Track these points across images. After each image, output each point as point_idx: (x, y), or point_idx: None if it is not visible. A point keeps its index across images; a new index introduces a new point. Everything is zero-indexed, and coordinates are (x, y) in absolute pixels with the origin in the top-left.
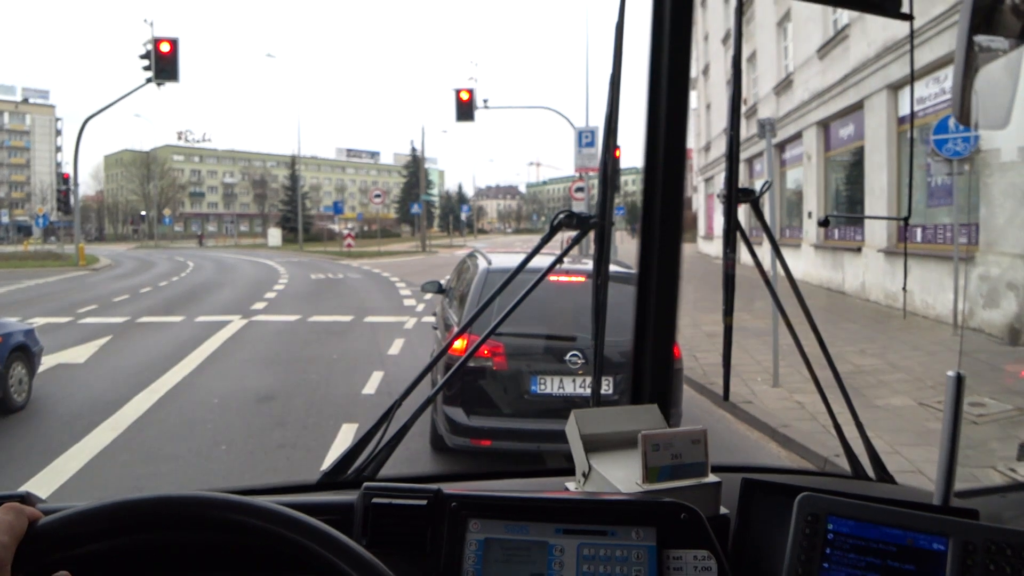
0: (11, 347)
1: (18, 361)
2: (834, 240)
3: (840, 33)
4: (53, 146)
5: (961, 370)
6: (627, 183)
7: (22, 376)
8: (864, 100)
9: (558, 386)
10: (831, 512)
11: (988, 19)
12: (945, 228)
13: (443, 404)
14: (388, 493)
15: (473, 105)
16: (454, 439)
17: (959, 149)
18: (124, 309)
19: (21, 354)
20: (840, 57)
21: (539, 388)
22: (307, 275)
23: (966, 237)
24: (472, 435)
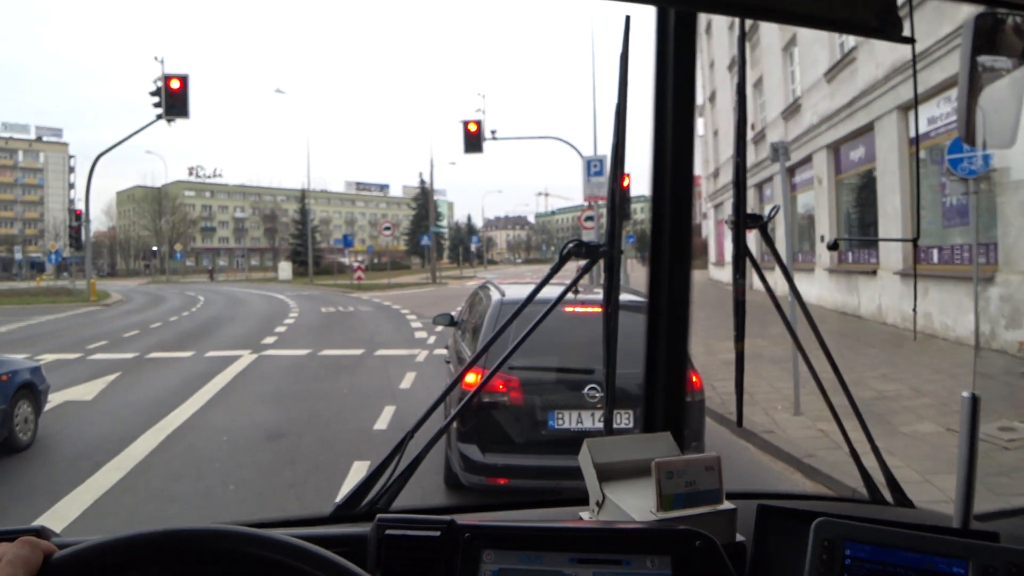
0: (17, 385)
1: (24, 399)
2: (848, 264)
3: (847, 56)
4: (66, 183)
5: (976, 391)
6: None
7: (28, 415)
8: (874, 122)
9: (576, 421)
10: (848, 537)
11: (990, 40)
12: (962, 248)
13: (457, 441)
14: (401, 524)
15: (481, 136)
16: (469, 477)
17: (974, 168)
18: (134, 345)
19: (27, 392)
20: (848, 79)
21: (556, 423)
22: (317, 308)
23: (984, 257)
24: (488, 473)
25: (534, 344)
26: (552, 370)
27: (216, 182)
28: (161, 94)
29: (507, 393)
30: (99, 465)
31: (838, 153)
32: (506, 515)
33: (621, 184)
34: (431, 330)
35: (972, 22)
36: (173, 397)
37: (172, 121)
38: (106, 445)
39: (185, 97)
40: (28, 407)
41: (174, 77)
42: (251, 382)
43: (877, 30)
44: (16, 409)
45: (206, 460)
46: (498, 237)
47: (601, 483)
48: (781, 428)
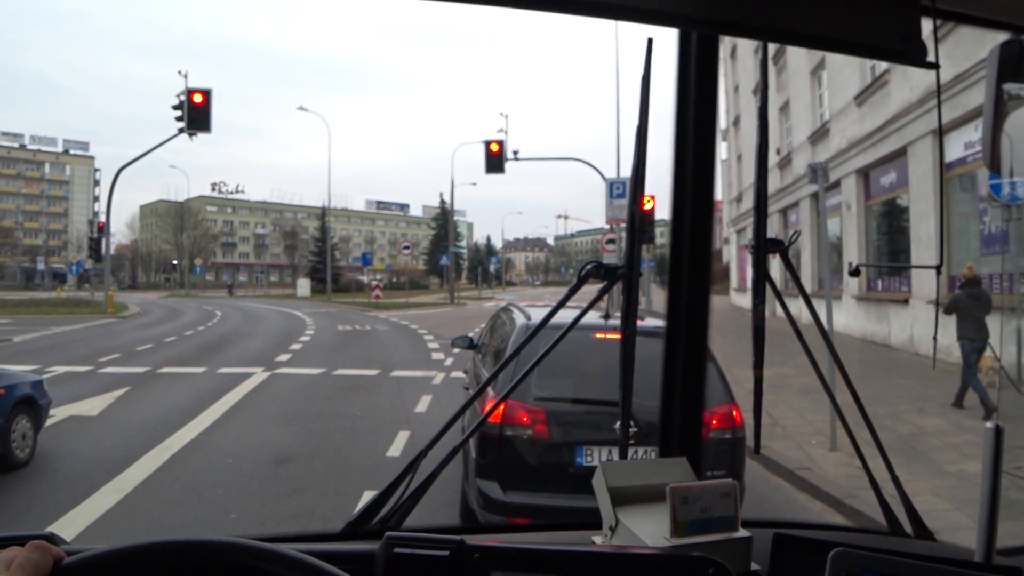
0: (15, 400)
1: (23, 414)
2: (877, 292)
3: (879, 79)
4: (91, 196)
5: (1000, 421)
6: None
7: (26, 430)
8: (907, 146)
9: (606, 457)
10: (866, 569)
11: (1016, 67)
12: (1001, 277)
13: (476, 476)
14: (410, 543)
15: (503, 157)
16: (488, 516)
17: (1018, 194)
18: (146, 359)
19: (26, 407)
20: (880, 103)
21: (585, 460)
22: (334, 326)
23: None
24: (508, 512)
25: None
26: (581, 401)
27: (238, 198)
28: (184, 108)
29: (531, 426)
30: (96, 486)
31: (868, 178)
32: (518, 537)
33: (643, 207)
34: (448, 351)
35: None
36: (180, 415)
37: (194, 135)
38: (106, 464)
39: (208, 111)
40: (27, 422)
41: (197, 91)
42: (262, 401)
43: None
44: (14, 424)
45: (208, 484)
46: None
47: (615, 507)
48: (817, 464)
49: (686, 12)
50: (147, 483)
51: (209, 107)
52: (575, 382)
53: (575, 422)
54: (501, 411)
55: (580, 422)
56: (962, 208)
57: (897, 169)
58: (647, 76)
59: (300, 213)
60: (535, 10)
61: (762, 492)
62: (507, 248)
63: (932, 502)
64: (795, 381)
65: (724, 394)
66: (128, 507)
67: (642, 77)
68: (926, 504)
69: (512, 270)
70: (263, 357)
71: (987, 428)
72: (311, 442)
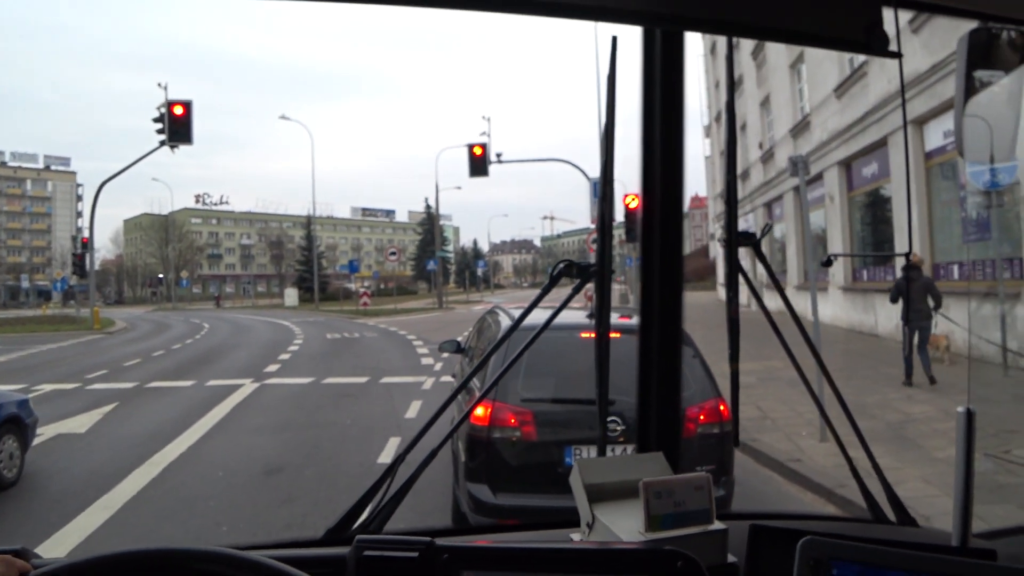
0: (1, 419)
1: (9, 434)
2: (863, 282)
3: (858, 71)
4: (74, 211)
5: (971, 406)
6: None
7: (13, 450)
8: (888, 137)
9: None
10: (835, 557)
11: (985, 54)
12: (984, 263)
13: (466, 480)
14: (380, 546)
15: (487, 160)
16: (479, 519)
17: (997, 180)
18: (134, 374)
19: (13, 426)
20: (859, 95)
21: (574, 460)
22: (323, 335)
23: (1009, 271)
24: (499, 515)
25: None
26: (568, 401)
27: (222, 209)
28: (164, 120)
29: (519, 428)
30: (87, 504)
31: (850, 170)
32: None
33: (627, 206)
34: (438, 357)
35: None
36: (170, 429)
37: (176, 147)
38: (96, 481)
39: (189, 123)
40: (13, 442)
41: (177, 103)
42: (251, 412)
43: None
44: (1, 444)
45: (200, 498)
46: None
47: (592, 504)
48: (808, 456)
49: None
50: (137, 498)
51: (190, 119)
52: (562, 382)
53: (563, 422)
54: (489, 414)
55: (568, 422)
56: (944, 196)
57: (878, 159)
58: (612, 75)
59: (286, 222)
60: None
61: (753, 485)
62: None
63: (922, 489)
64: (784, 373)
65: (711, 389)
66: (119, 523)
67: (608, 76)
68: (916, 491)
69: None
70: (252, 368)
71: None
72: (302, 451)
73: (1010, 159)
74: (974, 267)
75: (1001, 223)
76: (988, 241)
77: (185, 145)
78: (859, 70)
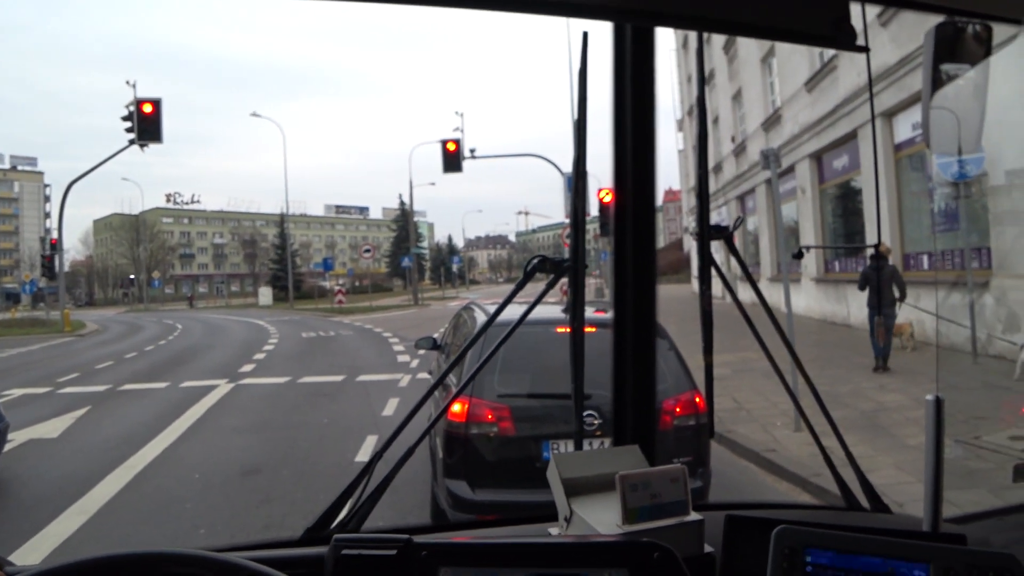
0: None
1: None
2: (835, 273)
3: (828, 64)
4: (42, 212)
5: (940, 393)
6: None
7: None
8: (858, 129)
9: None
10: (809, 544)
11: (951, 48)
12: (952, 253)
13: (444, 476)
14: (358, 544)
15: (460, 155)
16: (457, 516)
17: (965, 172)
18: (106, 376)
19: None
20: (829, 88)
21: (552, 455)
22: (298, 333)
23: (977, 261)
24: (478, 510)
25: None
26: (545, 397)
27: (194, 208)
28: (134, 119)
29: (497, 423)
30: (61, 509)
31: (821, 162)
32: (475, 533)
33: (601, 200)
34: (414, 354)
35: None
36: (144, 432)
37: (145, 146)
38: (70, 487)
39: (158, 121)
40: None
41: (147, 101)
42: (227, 413)
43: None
44: None
45: (176, 500)
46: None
47: (570, 498)
48: (783, 446)
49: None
50: (112, 503)
51: (159, 117)
52: (538, 377)
53: (540, 417)
54: (466, 410)
55: (545, 417)
56: (913, 187)
57: (849, 152)
58: (584, 70)
59: (258, 221)
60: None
61: (730, 475)
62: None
63: (895, 476)
64: (759, 365)
65: (686, 381)
66: (94, 528)
67: (579, 71)
68: (889, 478)
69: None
70: (227, 368)
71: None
72: (279, 451)
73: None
74: (943, 257)
75: (969, 213)
76: (956, 231)
77: (155, 144)
78: (829, 64)
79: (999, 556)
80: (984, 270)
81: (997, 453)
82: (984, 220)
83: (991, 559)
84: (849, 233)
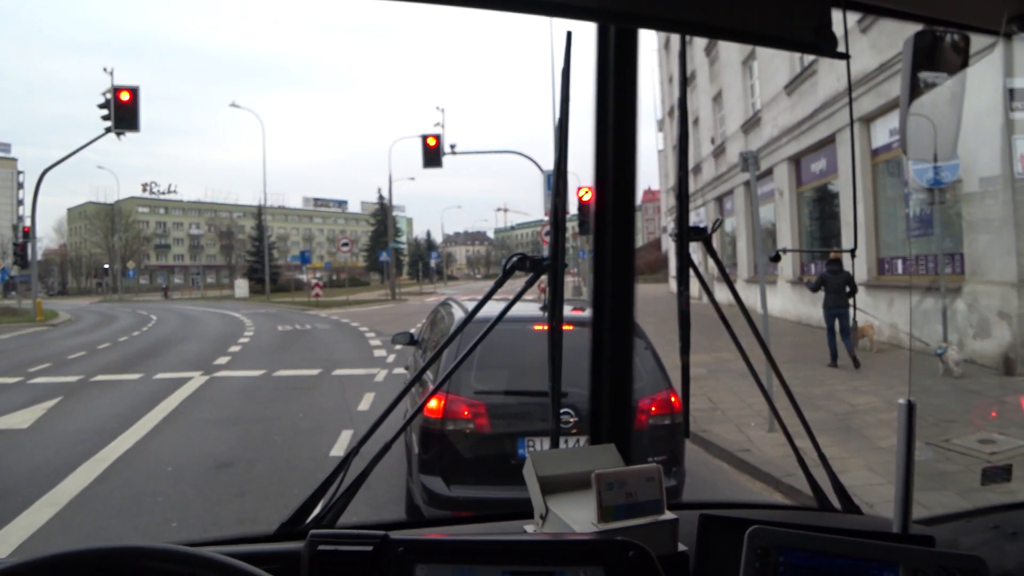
0: None
1: None
2: (811, 275)
3: (808, 68)
4: (14, 199)
5: (912, 397)
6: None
7: None
8: (836, 134)
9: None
10: (781, 545)
11: (929, 57)
12: (927, 259)
13: (419, 472)
14: (334, 540)
15: (440, 151)
16: (433, 512)
17: (940, 178)
18: (79, 367)
19: None
20: (809, 92)
21: (527, 452)
22: (274, 327)
23: (951, 267)
24: (453, 507)
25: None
26: (522, 394)
27: (171, 198)
28: (110, 106)
29: (472, 420)
30: (30, 501)
31: (799, 165)
32: (450, 529)
33: (580, 199)
34: (390, 349)
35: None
36: (116, 424)
37: (122, 134)
38: (39, 478)
39: (135, 109)
40: None
41: (124, 89)
42: (201, 406)
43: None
44: None
45: (148, 494)
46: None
47: (545, 495)
48: (757, 446)
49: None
50: (83, 495)
51: (137, 105)
52: (515, 375)
53: (516, 414)
54: (442, 406)
55: (521, 414)
56: (889, 192)
57: (827, 156)
58: (567, 70)
59: (236, 212)
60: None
61: (703, 475)
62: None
63: (867, 477)
64: (734, 365)
65: (662, 380)
66: (64, 521)
67: (562, 71)
68: (861, 479)
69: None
70: (201, 361)
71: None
72: (253, 445)
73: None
74: (917, 262)
75: (943, 219)
76: (930, 237)
77: (132, 132)
78: (809, 68)
79: (967, 558)
80: (957, 275)
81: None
82: (958, 226)
83: (959, 561)
84: (825, 236)
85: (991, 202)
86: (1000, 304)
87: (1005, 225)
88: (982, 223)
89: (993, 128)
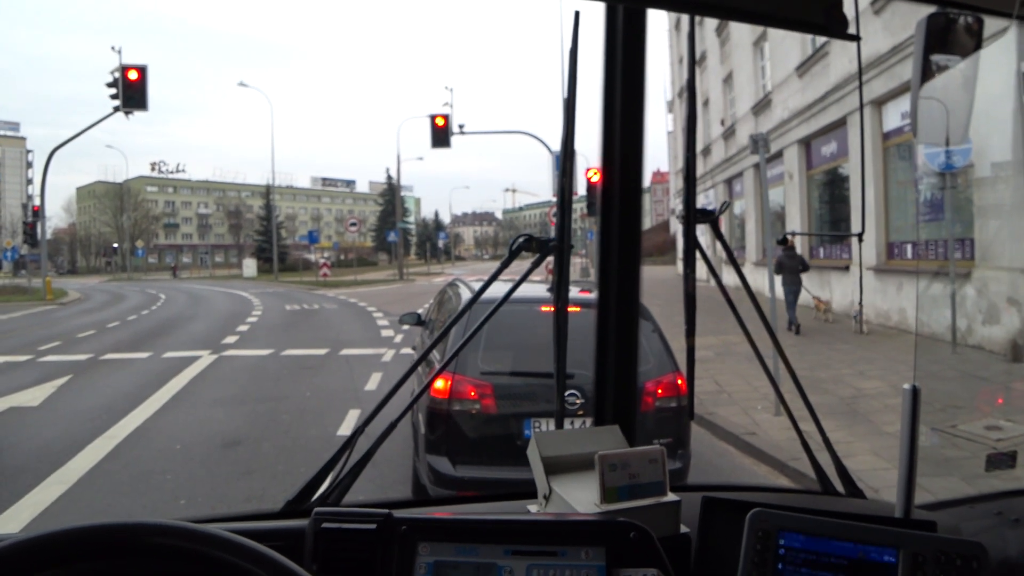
0: None
1: None
2: (819, 259)
3: (820, 50)
4: (24, 179)
5: (917, 383)
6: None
7: None
8: (847, 116)
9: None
10: (782, 527)
11: (942, 39)
12: (936, 244)
13: (426, 452)
14: (338, 518)
15: (449, 131)
16: (438, 491)
17: (952, 162)
18: (88, 345)
19: None
20: (820, 74)
21: (532, 432)
22: (282, 306)
23: (960, 252)
24: (459, 487)
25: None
26: (528, 375)
27: (179, 178)
28: (118, 85)
29: (479, 400)
30: (40, 479)
31: (809, 148)
32: (454, 509)
33: (589, 179)
34: (398, 329)
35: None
36: (126, 402)
37: (130, 113)
38: (49, 456)
39: (144, 89)
40: None
41: (132, 68)
42: (209, 385)
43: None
44: None
45: (157, 472)
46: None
47: (549, 476)
48: (763, 429)
49: None
50: (92, 473)
51: (145, 84)
52: (521, 356)
53: (522, 395)
54: (449, 386)
55: (527, 395)
56: (900, 176)
57: (837, 139)
58: (575, 49)
59: (244, 192)
60: None
61: (709, 458)
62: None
63: (871, 462)
64: (741, 348)
65: (669, 363)
66: (73, 498)
67: (570, 51)
68: (865, 464)
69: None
70: (209, 340)
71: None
72: (260, 424)
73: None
74: (926, 246)
75: (954, 204)
76: (941, 221)
77: (140, 111)
78: (821, 50)
79: (968, 544)
80: (967, 261)
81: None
82: (968, 211)
83: (960, 546)
84: (835, 220)
85: (1003, 187)
86: (1009, 290)
87: (1017, 211)
88: (993, 208)
89: (1006, 112)
